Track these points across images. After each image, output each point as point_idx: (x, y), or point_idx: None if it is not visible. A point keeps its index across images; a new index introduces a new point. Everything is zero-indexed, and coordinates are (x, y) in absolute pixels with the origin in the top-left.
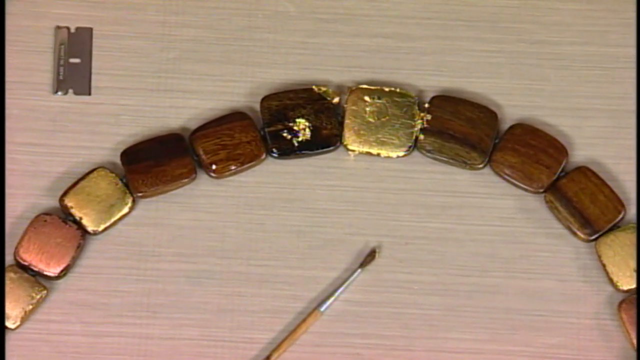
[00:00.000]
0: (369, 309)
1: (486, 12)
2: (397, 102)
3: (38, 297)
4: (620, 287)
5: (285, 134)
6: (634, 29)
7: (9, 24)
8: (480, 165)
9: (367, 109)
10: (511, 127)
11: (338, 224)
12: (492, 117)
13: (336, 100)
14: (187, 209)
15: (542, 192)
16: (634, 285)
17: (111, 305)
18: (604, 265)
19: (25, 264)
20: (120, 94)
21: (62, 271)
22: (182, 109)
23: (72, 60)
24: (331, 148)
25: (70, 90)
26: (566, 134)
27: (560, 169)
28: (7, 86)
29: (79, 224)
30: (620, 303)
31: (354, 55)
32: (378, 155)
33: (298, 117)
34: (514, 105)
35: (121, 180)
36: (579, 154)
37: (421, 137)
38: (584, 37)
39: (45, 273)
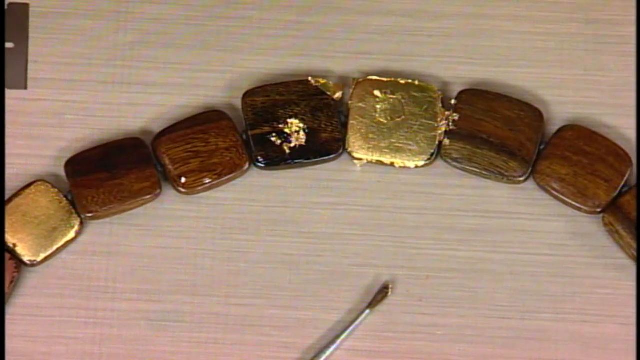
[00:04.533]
0: None
1: None
2: (415, 97)
3: None
4: None
5: (273, 139)
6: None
7: None
8: (522, 178)
9: (378, 106)
10: (560, 130)
11: (341, 252)
12: (537, 117)
13: (338, 95)
14: (149, 234)
15: (600, 212)
16: None
17: (54, 355)
18: None
19: None
20: (64, 87)
21: None
22: (143, 107)
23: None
24: (332, 156)
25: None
26: (630, 138)
27: (622, 183)
28: None
29: (12, 253)
30: None
31: (361, 39)
32: (392, 165)
33: (290, 117)
34: (564, 101)
35: (66, 197)
36: None
37: (446, 142)
38: None
39: None
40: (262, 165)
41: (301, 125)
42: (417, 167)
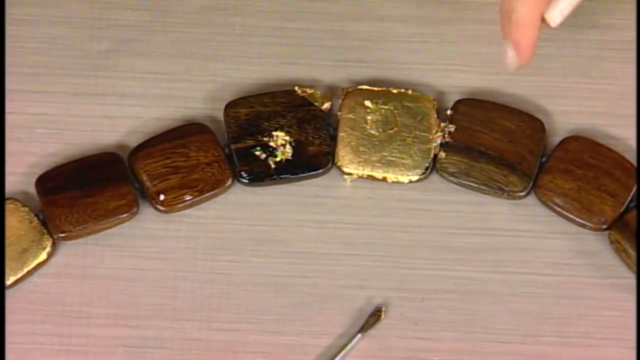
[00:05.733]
0: None
1: None
2: (409, 108)
3: None
4: None
5: (258, 153)
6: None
7: None
8: (522, 193)
9: (369, 117)
10: (563, 142)
11: (331, 273)
12: (538, 128)
13: (326, 106)
14: (126, 255)
15: (606, 229)
16: None
17: None
18: None
19: None
20: (34, 99)
21: None
22: (119, 119)
23: None
24: (320, 171)
25: None
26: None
27: (629, 198)
28: None
29: None
30: None
31: (350, 46)
32: (384, 180)
33: (275, 130)
34: (567, 111)
35: (37, 216)
36: None
37: (442, 155)
38: None
39: None
40: (246, 181)
41: (287, 138)
42: (411, 182)
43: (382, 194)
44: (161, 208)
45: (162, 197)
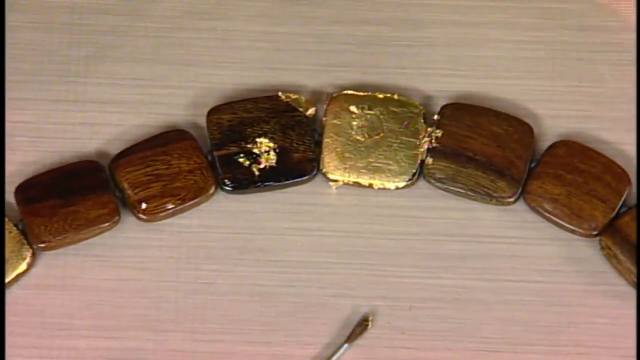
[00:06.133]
0: None
1: None
2: (395, 113)
3: None
4: None
5: (241, 160)
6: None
7: None
8: (511, 199)
9: (354, 123)
10: (553, 146)
11: (316, 282)
12: (527, 133)
13: (311, 111)
14: (107, 265)
15: (596, 235)
16: None
17: None
18: None
19: None
20: (13, 106)
21: None
22: (99, 127)
23: None
24: (305, 178)
25: None
26: (628, 155)
27: (620, 203)
28: None
29: None
30: None
31: (335, 50)
32: (370, 186)
33: (259, 136)
34: (556, 115)
35: (16, 225)
36: None
37: (429, 160)
38: None
39: None
40: (230, 189)
41: (271, 144)
42: (397, 188)
43: (368, 200)
44: (143, 217)
45: (143, 205)
